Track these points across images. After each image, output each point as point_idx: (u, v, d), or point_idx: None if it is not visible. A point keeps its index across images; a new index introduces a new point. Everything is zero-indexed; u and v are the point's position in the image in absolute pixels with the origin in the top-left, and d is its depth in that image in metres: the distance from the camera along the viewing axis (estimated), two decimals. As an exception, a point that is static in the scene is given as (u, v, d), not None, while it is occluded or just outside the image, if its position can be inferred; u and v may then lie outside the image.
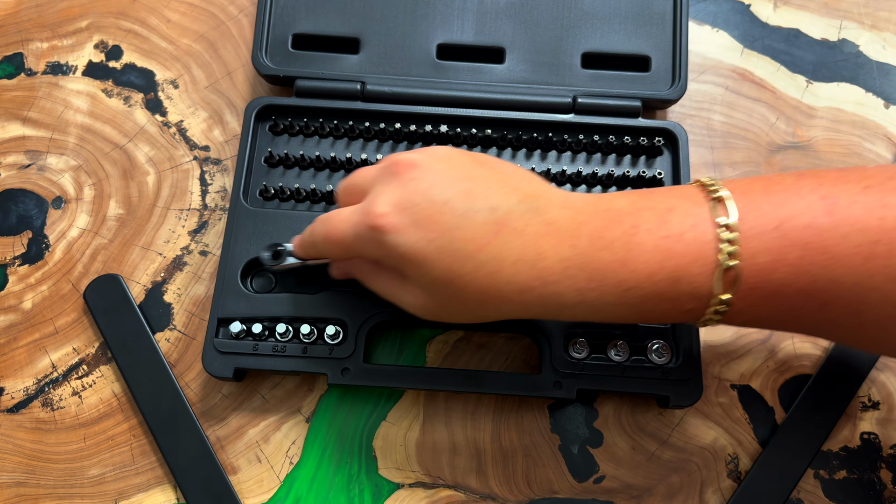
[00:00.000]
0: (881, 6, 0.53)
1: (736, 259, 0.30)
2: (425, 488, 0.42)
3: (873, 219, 0.29)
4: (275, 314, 0.42)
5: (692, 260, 0.31)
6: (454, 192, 0.32)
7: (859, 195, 0.30)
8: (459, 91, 0.47)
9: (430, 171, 0.33)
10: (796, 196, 0.31)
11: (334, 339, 0.42)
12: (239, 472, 0.42)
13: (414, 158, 0.34)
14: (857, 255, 0.29)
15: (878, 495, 0.42)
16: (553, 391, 0.41)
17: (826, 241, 0.30)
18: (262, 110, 0.47)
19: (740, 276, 0.31)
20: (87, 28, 0.52)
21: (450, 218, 0.32)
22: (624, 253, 0.31)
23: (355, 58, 0.48)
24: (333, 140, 0.47)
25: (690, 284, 0.31)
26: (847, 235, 0.29)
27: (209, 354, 0.41)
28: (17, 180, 0.48)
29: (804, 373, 0.44)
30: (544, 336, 0.42)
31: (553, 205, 0.33)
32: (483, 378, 0.41)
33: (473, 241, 0.31)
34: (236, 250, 0.43)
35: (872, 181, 0.30)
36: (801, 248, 0.30)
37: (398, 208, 0.32)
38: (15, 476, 0.42)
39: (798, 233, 0.30)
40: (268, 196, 0.46)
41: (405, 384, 0.41)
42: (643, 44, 0.48)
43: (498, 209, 0.32)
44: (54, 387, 0.44)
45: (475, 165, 0.34)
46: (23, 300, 0.46)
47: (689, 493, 0.42)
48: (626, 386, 0.41)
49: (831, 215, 0.30)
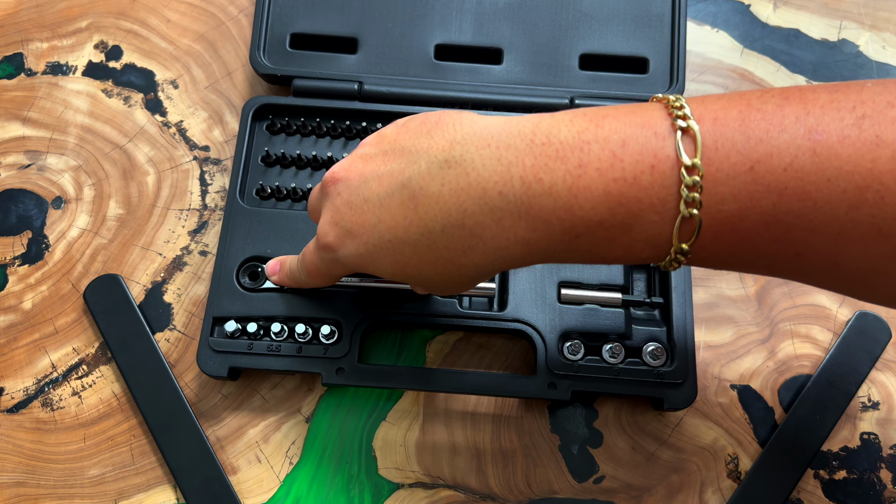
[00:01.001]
0: (881, 6, 0.53)
1: (698, 207, 0.26)
2: (425, 488, 0.42)
3: (865, 161, 0.25)
4: (270, 313, 0.42)
5: (647, 206, 0.27)
6: (370, 188, 0.31)
7: (851, 129, 0.25)
8: (457, 92, 0.47)
9: (349, 179, 0.33)
10: (778, 129, 0.26)
11: (329, 338, 0.42)
12: (239, 472, 0.42)
13: (335, 172, 0.34)
14: (841, 202, 0.25)
15: (878, 495, 0.42)
16: (547, 392, 0.41)
17: (807, 187, 0.25)
18: (259, 109, 0.47)
19: (703, 224, 0.27)
20: (87, 28, 0.52)
21: (371, 215, 0.31)
22: (568, 198, 0.27)
23: (353, 58, 0.48)
24: (330, 140, 0.47)
25: (646, 233, 0.28)
26: (832, 180, 0.25)
27: (204, 353, 0.42)
28: (17, 180, 0.49)
29: (804, 373, 0.44)
30: (539, 337, 0.42)
31: (470, 147, 0.29)
32: (476, 379, 0.41)
33: (398, 225, 0.30)
34: (232, 249, 0.43)
35: (868, 108, 0.25)
36: (776, 195, 0.26)
37: (333, 225, 0.33)
38: (15, 476, 0.42)
39: (775, 176, 0.26)
40: (264, 195, 0.46)
41: (399, 384, 0.41)
42: (641, 45, 0.48)
43: (409, 182, 0.30)
44: (54, 387, 0.44)
45: (393, 143, 0.32)
46: (23, 300, 0.46)
47: (689, 493, 0.42)
48: (620, 388, 0.41)
49: (816, 155, 0.25)
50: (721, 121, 0.27)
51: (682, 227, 0.27)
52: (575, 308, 0.42)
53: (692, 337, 0.42)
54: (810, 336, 0.45)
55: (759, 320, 0.45)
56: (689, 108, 0.27)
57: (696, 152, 0.26)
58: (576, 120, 0.28)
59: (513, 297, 0.43)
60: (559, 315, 0.42)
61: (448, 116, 0.31)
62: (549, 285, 0.43)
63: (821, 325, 0.45)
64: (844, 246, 0.26)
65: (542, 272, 0.43)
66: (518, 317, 0.42)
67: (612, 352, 0.42)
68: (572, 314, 0.42)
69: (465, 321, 0.42)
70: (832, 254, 0.27)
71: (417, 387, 0.41)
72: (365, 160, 0.33)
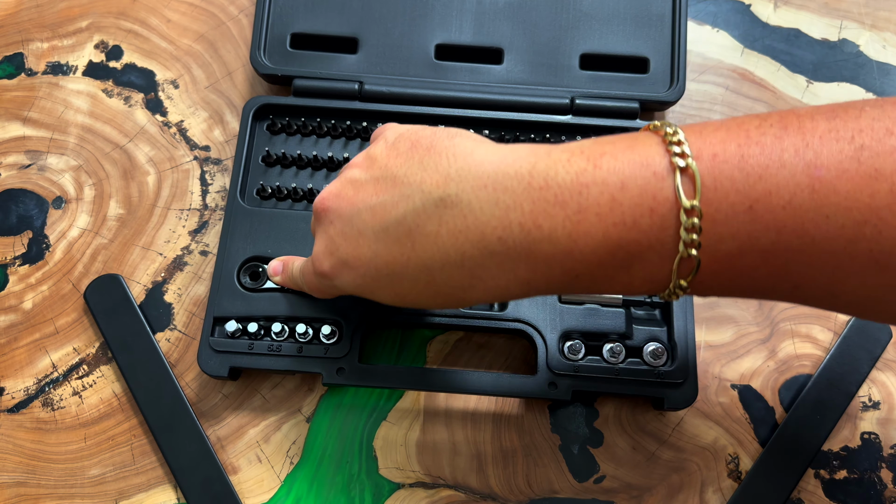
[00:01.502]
0: (881, 6, 0.53)
1: (697, 247, 0.26)
2: (426, 488, 0.42)
3: (863, 195, 0.25)
4: (271, 313, 0.42)
5: (647, 248, 0.27)
6: (364, 220, 0.31)
7: (850, 161, 0.25)
8: (457, 91, 0.47)
9: (340, 209, 0.32)
10: (777, 164, 0.26)
11: (330, 338, 0.42)
12: (239, 472, 0.42)
13: (325, 200, 0.33)
14: (839, 237, 0.25)
15: (878, 495, 0.42)
16: (548, 392, 0.41)
17: (805, 224, 0.25)
18: (259, 109, 0.47)
19: (701, 262, 0.27)
20: (88, 28, 0.52)
21: (367, 249, 0.31)
22: (568, 243, 0.27)
23: (353, 58, 0.48)
24: (331, 140, 0.47)
25: (645, 271, 0.28)
26: (830, 216, 0.25)
27: (205, 353, 0.42)
28: (18, 180, 0.49)
29: (804, 373, 0.44)
30: (540, 337, 0.42)
31: (466, 186, 0.28)
32: (477, 379, 0.41)
33: (396, 261, 0.30)
34: (233, 249, 0.43)
35: (867, 137, 0.25)
36: (775, 233, 0.26)
37: (328, 254, 0.33)
38: (15, 476, 0.42)
39: (774, 214, 0.26)
40: (265, 195, 0.46)
41: (400, 384, 0.41)
42: (642, 45, 0.48)
43: (405, 219, 0.30)
44: (54, 387, 0.44)
45: (384, 169, 0.31)
46: (23, 300, 0.46)
47: (689, 493, 0.42)
48: (620, 388, 0.41)
49: (815, 192, 0.25)
50: (720, 157, 0.26)
51: (681, 265, 0.27)
52: (575, 308, 0.42)
53: (693, 337, 0.42)
54: (811, 336, 0.45)
55: (759, 320, 0.45)
56: (688, 143, 0.27)
57: (695, 193, 0.26)
58: (573, 160, 0.28)
59: None
60: (560, 315, 0.42)
61: (440, 142, 0.30)
62: None
63: (821, 324, 0.45)
64: (842, 278, 0.26)
65: None
66: (519, 317, 0.42)
67: (613, 352, 0.42)
68: (573, 314, 0.42)
69: (466, 321, 0.42)
70: (830, 285, 0.27)
71: (418, 387, 0.41)
72: (356, 187, 0.32)
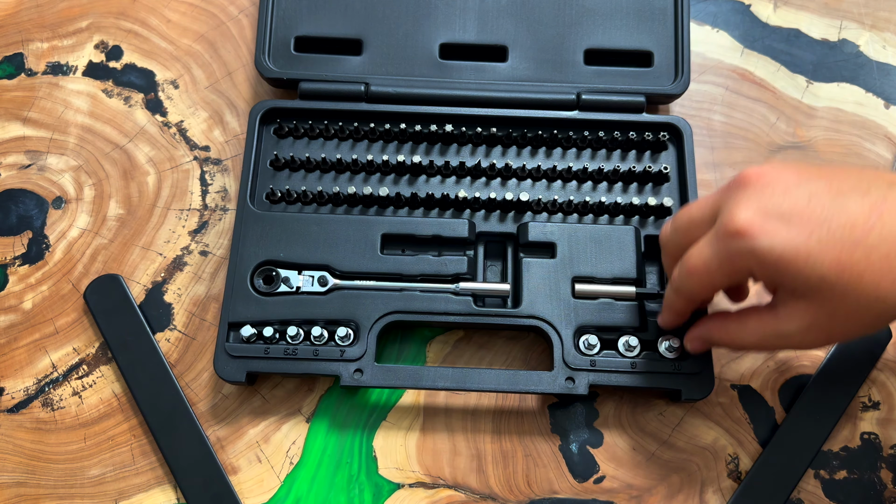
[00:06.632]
0: (881, 6, 0.53)
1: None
2: (425, 488, 0.42)
3: None
4: (285, 317, 0.42)
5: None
6: (814, 189, 0.31)
7: None
8: (463, 90, 0.47)
9: (780, 176, 0.32)
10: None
11: (345, 340, 0.42)
12: (239, 472, 0.42)
13: (759, 169, 0.33)
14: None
15: (878, 495, 0.42)
16: (566, 387, 0.41)
17: None
18: (266, 113, 0.47)
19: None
20: (88, 28, 0.52)
21: (821, 210, 0.31)
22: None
23: (358, 59, 0.48)
24: (339, 142, 0.47)
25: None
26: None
27: (221, 359, 0.41)
28: (18, 180, 0.48)
29: (804, 373, 0.44)
30: (555, 332, 0.42)
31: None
32: (495, 377, 0.41)
33: (856, 226, 0.30)
34: (245, 254, 0.43)
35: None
36: None
37: (761, 213, 0.32)
38: (15, 476, 0.42)
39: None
40: (274, 199, 0.46)
41: (420, 385, 0.41)
42: (645, 39, 0.48)
43: (869, 193, 0.31)
44: (54, 387, 0.44)
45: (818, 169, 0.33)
46: (23, 300, 0.46)
47: (689, 493, 0.42)
48: (637, 381, 0.41)
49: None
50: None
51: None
52: (589, 303, 0.43)
53: None
54: (811, 336, 0.45)
55: (759, 320, 0.45)
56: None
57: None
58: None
59: (527, 294, 0.43)
60: (574, 310, 0.42)
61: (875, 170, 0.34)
62: (562, 281, 0.43)
63: (821, 325, 0.45)
64: None
65: (556, 268, 0.43)
66: (533, 313, 0.42)
67: (628, 345, 0.42)
68: (587, 309, 0.42)
69: (480, 319, 0.42)
70: None
71: (443, 385, 0.41)
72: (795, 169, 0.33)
